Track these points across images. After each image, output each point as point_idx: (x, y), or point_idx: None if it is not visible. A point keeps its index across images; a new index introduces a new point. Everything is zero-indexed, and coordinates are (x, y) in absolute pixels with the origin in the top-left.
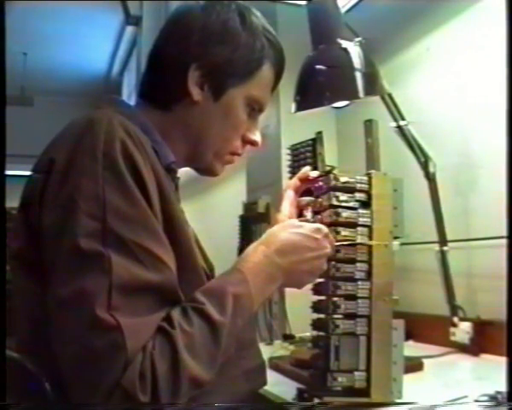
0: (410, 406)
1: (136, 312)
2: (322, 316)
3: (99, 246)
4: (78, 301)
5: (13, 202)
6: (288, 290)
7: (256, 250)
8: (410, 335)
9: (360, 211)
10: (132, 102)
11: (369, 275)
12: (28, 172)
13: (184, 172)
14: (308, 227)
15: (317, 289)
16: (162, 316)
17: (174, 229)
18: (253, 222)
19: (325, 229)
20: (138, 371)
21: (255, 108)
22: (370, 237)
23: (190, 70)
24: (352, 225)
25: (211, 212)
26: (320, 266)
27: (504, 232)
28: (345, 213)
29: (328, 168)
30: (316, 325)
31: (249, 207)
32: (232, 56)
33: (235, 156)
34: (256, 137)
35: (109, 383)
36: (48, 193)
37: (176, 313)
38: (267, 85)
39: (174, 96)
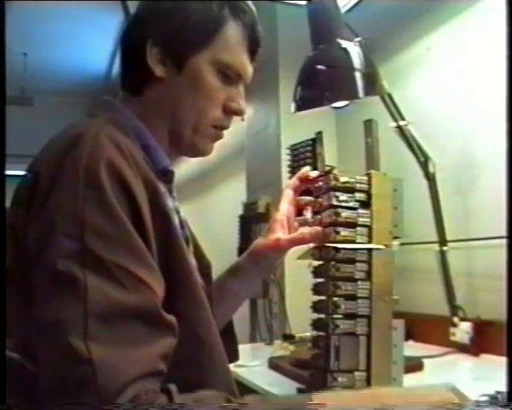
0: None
1: (116, 339)
2: (322, 316)
3: (76, 268)
4: (54, 328)
5: None
6: (288, 290)
7: None
8: (410, 335)
9: (360, 211)
10: None
11: (369, 275)
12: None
13: (185, 172)
14: None
15: (317, 290)
16: (151, 352)
17: (169, 243)
18: (253, 222)
19: None
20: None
21: (230, 75)
22: (370, 237)
23: (147, 47)
24: (352, 225)
25: (211, 212)
26: None
27: (504, 232)
28: (344, 213)
29: (327, 168)
30: (316, 325)
31: (249, 207)
32: (186, 23)
33: (221, 131)
34: (238, 105)
35: None
36: (32, 212)
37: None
38: (236, 47)
39: (141, 79)
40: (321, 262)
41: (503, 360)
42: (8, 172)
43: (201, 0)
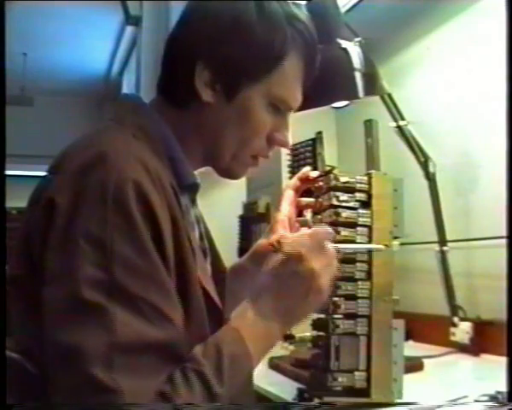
0: (410, 406)
1: (137, 372)
2: (322, 316)
3: (103, 299)
4: (75, 355)
5: (13, 202)
6: None
7: (246, 309)
8: (410, 335)
9: (360, 211)
10: None
11: (369, 275)
12: (28, 172)
13: None
14: (289, 263)
15: None
16: (164, 378)
17: (184, 272)
18: (253, 222)
19: (303, 249)
20: None
21: (280, 107)
22: (370, 237)
23: (197, 69)
24: (352, 225)
25: (211, 212)
26: (317, 291)
27: (504, 232)
28: (345, 213)
29: (328, 168)
30: (316, 324)
31: (249, 207)
32: (245, 54)
33: (260, 158)
34: (284, 137)
35: None
36: (53, 236)
37: (178, 378)
38: (293, 81)
39: (185, 95)
40: None
41: (503, 360)
42: (8, 172)
43: (264, 24)
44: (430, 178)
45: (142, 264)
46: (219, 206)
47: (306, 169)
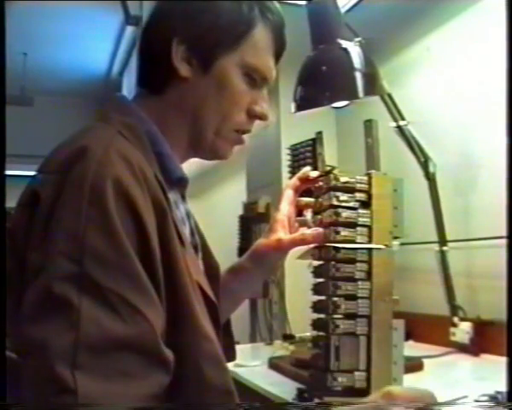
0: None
1: (104, 372)
2: (322, 316)
3: (71, 292)
4: (40, 350)
5: (13, 202)
6: (288, 290)
7: None
8: (410, 335)
9: (360, 211)
10: None
11: (369, 275)
12: (28, 172)
13: (185, 171)
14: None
15: (317, 289)
16: (140, 390)
17: (173, 272)
18: (253, 222)
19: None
20: None
21: (256, 78)
22: (370, 237)
23: (173, 45)
24: (352, 225)
25: (211, 212)
26: None
27: (504, 232)
28: (345, 213)
29: (328, 168)
30: (316, 325)
31: (249, 207)
32: (216, 23)
33: (242, 135)
34: (262, 109)
35: None
36: (33, 232)
37: None
38: (264, 50)
39: (163, 76)
40: (321, 262)
41: (503, 360)
42: (8, 172)
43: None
44: (430, 178)
45: (115, 257)
46: (219, 206)
47: (306, 169)
